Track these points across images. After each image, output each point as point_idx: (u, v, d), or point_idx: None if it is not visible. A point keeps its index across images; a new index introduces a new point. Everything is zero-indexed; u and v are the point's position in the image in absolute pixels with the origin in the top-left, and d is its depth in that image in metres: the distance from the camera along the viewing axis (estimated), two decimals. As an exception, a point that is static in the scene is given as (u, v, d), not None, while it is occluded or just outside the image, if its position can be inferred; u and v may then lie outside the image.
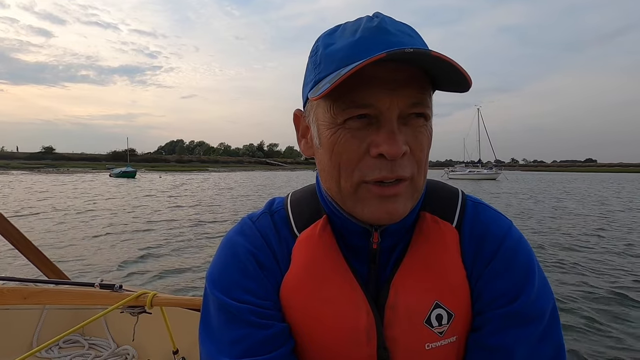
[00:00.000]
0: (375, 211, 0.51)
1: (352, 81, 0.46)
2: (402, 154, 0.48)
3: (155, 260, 6.39)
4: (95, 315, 1.31)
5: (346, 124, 0.49)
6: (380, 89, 0.47)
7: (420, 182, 0.53)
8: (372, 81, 0.47)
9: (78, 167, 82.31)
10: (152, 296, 1.37)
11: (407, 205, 0.52)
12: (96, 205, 14.18)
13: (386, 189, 0.50)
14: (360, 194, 0.51)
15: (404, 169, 0.49)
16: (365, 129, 0.49)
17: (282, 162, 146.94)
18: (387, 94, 0.47)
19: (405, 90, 0.48)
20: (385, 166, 0.49)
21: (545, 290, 0.55)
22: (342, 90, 0.47)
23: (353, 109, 0.48)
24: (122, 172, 46.73)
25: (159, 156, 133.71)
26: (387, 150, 0.47)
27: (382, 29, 0.49)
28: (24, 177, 42.59)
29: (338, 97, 0.49)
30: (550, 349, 0.53)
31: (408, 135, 0.49)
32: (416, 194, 0.54)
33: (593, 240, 7.76)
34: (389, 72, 0.47)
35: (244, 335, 0.53)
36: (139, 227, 9.51)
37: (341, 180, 0.52)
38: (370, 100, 0.47)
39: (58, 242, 7.48)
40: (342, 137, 0.50)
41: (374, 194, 0.50)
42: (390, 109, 0.48)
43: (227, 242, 0.61)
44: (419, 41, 0.51)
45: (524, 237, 0.59)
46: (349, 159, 0.50)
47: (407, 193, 0.51)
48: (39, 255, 1.81)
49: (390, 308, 0.54)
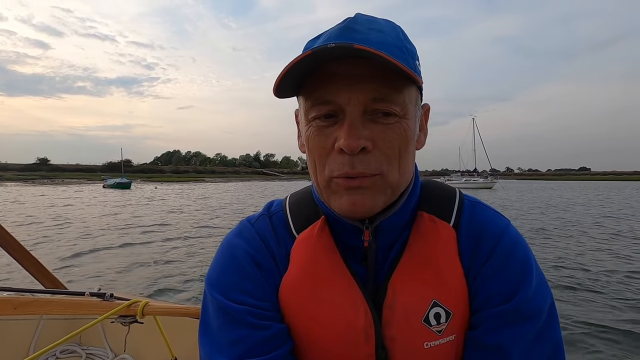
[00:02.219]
0: (343, 203, 0.52)
1: (316, 79, 0.49)
2: (359, 148, 0.48)
3: (148, 267, 6.38)
4: (86, 325, 1.29)
5: (314, 122, 0.52)
6: (339, 85, 0.49)
7: (395, 178, 0.52)
8: (333, 78, 0.49)
9: (73, 179, 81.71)
10: (144, 305, 1.34)
11: (377, 199, 0.52)
12: (73, 218, 13.91)
13: (351, 181, 0.51)
14: (332, 187, 0.53)
15: (366, 165, 0.50)
16: (332, 126, 0.51)
17: (279, 172, 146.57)
18: (346, 89, 0.48)
19: (365, 85, 0.48)
20: (347, 162, 0.50)
21: (543, 288, 0.55)
22: (309, 88, 0.50)
23: (317, 106, 0.51)
24: (117, 183, 45.85)
25: (155, 167, 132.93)
26: (344, 144, 0.48)
27: (348, 27, 0.50)
28: (13, 188, 42.09)
29: (307, 95, 0.51)
30: (547, 347, 0.53)
31: (374, 131, 0.50)
32: (390, 190, 0.53)
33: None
34: (348, 68, 0.48)
35: (242, 336, 0.53)
36: (134, 235, 9.48)
37: (317, 175, 0.54)
38: (331, 96, 0.49)
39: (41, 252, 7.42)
40: (312, 134, 0.52)
41: (341, 186, 0.51)
42: (351, 104, 0.49)
43: (225, 245, 0.61)
44: (391, 37, 0.51)
45: (521, 236, 0.59)
46: (319, 155, 0.53)
47: (375, 187, 0.51)
48: (36, 264, 1.79)
49: (388, 307, 0.54)
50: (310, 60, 0.47)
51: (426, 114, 0.61)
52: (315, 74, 0.50)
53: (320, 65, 0.49)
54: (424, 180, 0.65)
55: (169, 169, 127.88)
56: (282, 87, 0.50)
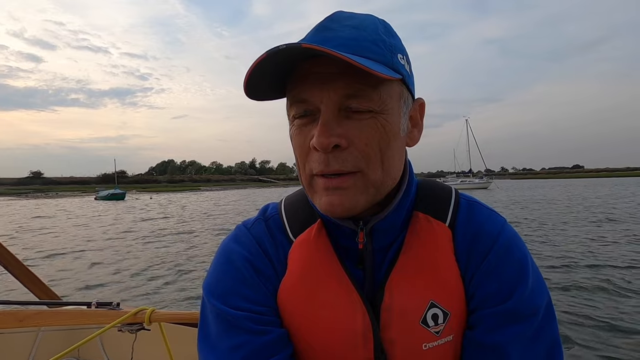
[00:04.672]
0: (323, 203, 0.52)
1: (294, 79, 0.51)
2: (330, 145, 0.48)
3: (152, 277, 6.35)
4: (92, 335, 1.28)
5: (295, 121, 0.53)
6: (313, 84, 0.49)
7: (377, 177, 0.51)
8: (308, 77, 0.49)
9: (67, 191, 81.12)
10: (151, 312, 1.34)
11: (358, 199, 0.51)
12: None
13: (328, 181, 0.51)
14: (313, 186, 0.53)
15: (342, 162, 0.49)
16: (310, 124, 0.51)
17: (275, 178, 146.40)
18: (319, 87, 0.49)
19: (337, 83, 0.48)
20: (322, 160, 0.50)
21: (540, 287, 0.55)
22: (289, 88, 0.52)
23: (295, 104, 0.52)
24: (110, 195, 45.07)
25: (150, 177, 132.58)
26: (315, 141, 0.49)
27: (323, 26, 0.51)
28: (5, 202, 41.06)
29: (288, 95, 0.53)
30: (545, 346, 0.53)
31: (349, 128, 0.49)
32: (374, 189, 0.52)
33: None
34: (321, 66, 0.48)
35: (242, 342, 0.53)
36: (133, 246, 9.39)
37: (301, 173, 0.55)
38: (305, 95, 0.50)
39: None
40: (294, 133, 0.54)
41: (321, 186, 0.52)
42: (324, 102, 0.49)
43: (222, 250, 0.61)
44: (366, 32, 0.50)
45: (517, 235, 0.59)
46: (300, 154, 0.53)
47: (356, 187, 0.51)
48: (32, 277, 1.77)
49: (386, 310, 0.54)
50: (265, 64, 0.46)
51: (421, 109, 0.59)
52: (293, 74, 0.51)
53: (297, 66, 0.50)
54: (421, 179, 0.65)
55: (164, 178, 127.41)
56: (254, 89, 0.51)
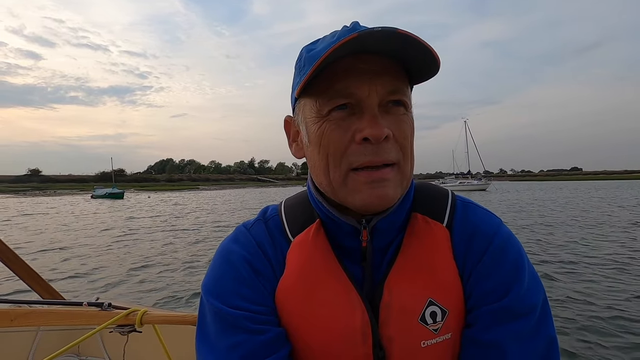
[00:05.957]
0: (366, 197, 0.52)
1: (333, 74, 0.51)
2: (384, 135, 0.51)
3: (146, 276, 6.32)
4: (84, 335, 1.28)
5: (330, 116, 0.53)
6: (358, 79, 0.51)
7: (407, 169, 0.55)
8: (351, 72, 0.51)
9: (65, 189, 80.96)
10: (142, 314, 1.31)
11: (397, 191, 0.54)
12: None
13: (374, 173, 0.52)
14: (349, 183, 0.53)
15: (389, 153, 0.52)
16: (349, 118, 0.52)
17: (274, 178, 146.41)
18: (366, 82, 0.51)
19: (382, 79, 0.51)
20: (370, 151, 0.51)
21: (536, 285, 0.56)
22: (325, 83, 0.52)
23: (336, 98, 0.52)
24: (108, 194, 44.17)
25: (149, 176, 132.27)
26: (371, 132, 0.50)
27: (358, 27, 0.53)
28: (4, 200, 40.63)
29: (322, 90, 0.53)
30: (542, 343, 0.53)
31: (390, 122, 0.52)
32: (405, 182, 0.56)
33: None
34: (365, 63, 0.51)
35: (240, 341, 0.53)
36: (128, 243, 9.40)
37: (330, 171, 0.54)
38: (351, 89, 0.51)
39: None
40: (327, 129, 0.53)
41: (362, 180, 0.52)
42: (370, 96, 0.51)
43: (222, 251, 0.61)
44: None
45: (513, 235, 0.60)
46: (336, 149, 0.53)
47: (395, 179, 0.54)
48: (33, 274, 1.77)
49: (385, 307, 0.54)
50: (354, 44, 0.48)
51: None
52: (331, 69, 0.52)
53: (333, 62, 0.51)
54: (416, 182, 0.66)
55: (163, 177, 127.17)
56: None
